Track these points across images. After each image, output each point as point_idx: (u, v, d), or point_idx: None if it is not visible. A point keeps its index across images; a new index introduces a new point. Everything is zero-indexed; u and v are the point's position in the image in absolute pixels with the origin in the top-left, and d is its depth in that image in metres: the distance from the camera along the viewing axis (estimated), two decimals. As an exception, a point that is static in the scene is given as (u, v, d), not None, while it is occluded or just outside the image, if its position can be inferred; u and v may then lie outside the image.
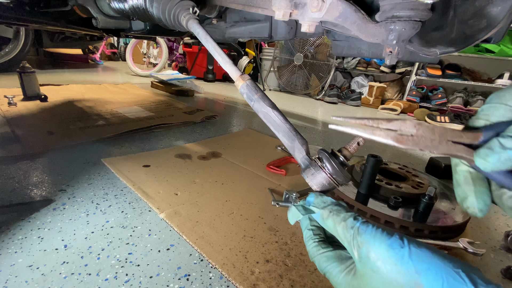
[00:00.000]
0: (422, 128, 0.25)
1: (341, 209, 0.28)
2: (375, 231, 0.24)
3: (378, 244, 0.23)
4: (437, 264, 0.21)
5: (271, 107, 0.35)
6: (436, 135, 0.25)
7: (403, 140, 0.25)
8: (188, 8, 0.53)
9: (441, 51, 0.40)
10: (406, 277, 0.21)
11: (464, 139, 0.25)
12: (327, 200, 0.29)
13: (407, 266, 0.21)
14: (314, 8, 0.35)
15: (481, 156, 0.24)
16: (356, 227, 0.25)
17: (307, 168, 0.32)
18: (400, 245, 0.22)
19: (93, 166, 0.81)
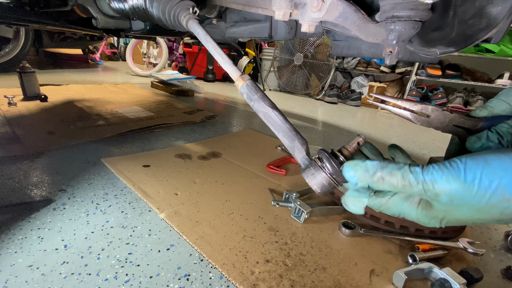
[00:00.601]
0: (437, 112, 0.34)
1: (390, 169, 0.25)
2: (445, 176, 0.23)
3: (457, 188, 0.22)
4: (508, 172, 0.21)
5: (271, 107, 0.35)
6: (446, 119, 0.34)
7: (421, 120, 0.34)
8: (188, 8, 0.52)
9: (441, 51, 0.40)
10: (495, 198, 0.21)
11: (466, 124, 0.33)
12: (369, 167, 0.25)
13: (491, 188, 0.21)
14: (314, 8, 0.35)
15: (470, 142, 0.32)
16: (423, 181, 0.23)
17: (307, 168, 0.32)
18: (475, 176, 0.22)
19: (93, 166, 0.81)
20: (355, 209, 0.28)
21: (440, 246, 0.56)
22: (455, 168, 0.22)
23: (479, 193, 0.22)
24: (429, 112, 0.34)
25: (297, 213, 0.64)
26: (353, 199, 0.28)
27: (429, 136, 1.64)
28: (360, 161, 0.26)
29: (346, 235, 0.60)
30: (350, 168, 0.26)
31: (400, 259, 0.55)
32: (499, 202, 0.21)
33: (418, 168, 0.24)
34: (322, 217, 0.66)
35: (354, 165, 0.26)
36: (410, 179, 0.24)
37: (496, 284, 0.52)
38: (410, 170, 0.24)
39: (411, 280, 0.48)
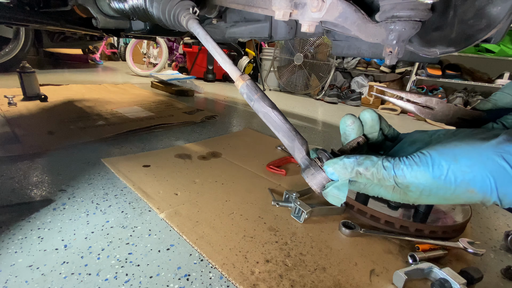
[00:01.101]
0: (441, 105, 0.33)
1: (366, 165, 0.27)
2: (414, 172, 0.25)
3: (424, 182, 0.24)
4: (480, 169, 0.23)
5: (271, 107, 0.35)
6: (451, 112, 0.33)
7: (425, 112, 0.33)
8: (188, 8, 0.53)
9: (441, 51, 0.40)
10: (459, 190, 0.24)
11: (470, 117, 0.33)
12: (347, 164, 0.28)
13: (456, 184, 0.24)
14: (314, 8, 0.35)
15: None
16: (394, 176, 0.26)
17: (307, 168, 0.32)
18: (442, 172, 0.24)
19: (93, 166, 0.81)
20: (334, 203, 0.31)
21: (440, 246, 0.56)
22: (424, 163, 0.24)
23: (445, 187, 0.24)
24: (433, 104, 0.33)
25: (297, 213, 0.64)
26: (333, 196, 0.30)
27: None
28: (338, 159, 0.29)
29: (346, 235, 0.60)
30: (330, 166, 0.29)
31: (400, 259, 0.55)
32: (463, 194, 0.24)
33: (389, 163, 0.26)
34: (322, 217, 0.66)
35: (333, 164, 0.29)
36: (383, 174, 0.26)
37: (496, 284, 0.52)
38: (383, 166, 0.26)
39: (411, 280, 0.48)
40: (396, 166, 0.26)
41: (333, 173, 0.29)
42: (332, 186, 0.29)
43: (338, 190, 0.29)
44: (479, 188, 0.23)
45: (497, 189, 0.22)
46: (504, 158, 0.22)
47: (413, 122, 2.04)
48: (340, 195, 0.29)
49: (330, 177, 0.29)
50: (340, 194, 0.29)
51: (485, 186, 0.23)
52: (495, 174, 0.22)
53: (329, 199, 0.30)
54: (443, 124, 1.91)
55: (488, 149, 0.23)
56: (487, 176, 0.23)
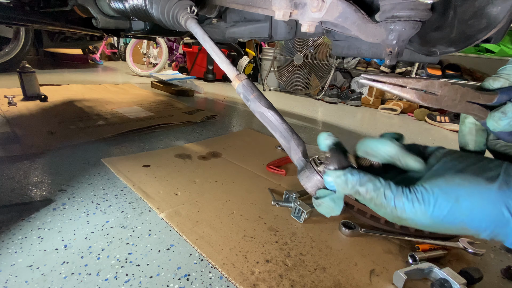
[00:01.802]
0: (446, 88, 0.28)
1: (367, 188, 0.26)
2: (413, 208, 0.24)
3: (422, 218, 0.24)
4: (479, 214, 0.23)
5: (267, 107, 0.34)
6: (458, 95, 0.28)
7: (427, 98, 0.28)
8: (187, 8, 0.52)
9: (441, 51, 0.40)
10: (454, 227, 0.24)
11: (480, 100, 0.28)
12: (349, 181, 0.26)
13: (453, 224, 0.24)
14: (314, 8, 0.35)
15: (494, 119, 0.28)
16: (393, 208, 0.25)
17: (302, 170, 0.31)
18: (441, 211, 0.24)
19: (93, 166, 0.81)
20: (325, 214, 0.29)
21: (440, 246, 0.56)
22: (426, 201, 0.24)
23: (441, 225, 0.24)
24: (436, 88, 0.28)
25: (297, 213, 0.64)
26: (327, 208, 0.28)
27: (429, 136, 1.64)
28: (341, 172, 0.27)
29: (346, 235, 0.60)
30: (331, 177, 0.27)
31: (400, 259, 0.55)
32: (457, 230, 0.24)
33: (391, 194, 0.25)
34: (322, 217, 0.66)
35: (335, 176, 0.27)
36: (382, 202, 0.25)
37: (496, 284, 0.52)
38: (384, 194, 0.25)
39: (411, 280, 0.48)
40: (397, 198, 0.25)
41: (332, 185, 0.27)
42: (329, 197, 0.28)
43: (334, 203, 0.28)
44: (474, 228, 0.24)
45: (490, 231, 0.23)
46: (505, 205, 0.22)
47: (413, 122, 2.04)
48: (335, 208, 0.28)
49: (327, 186, 0.28)
50: (335, 208, 0.28)
51: (479, 227, 0.23)
52: (491, 218, 0.23)
53: (321, 209, 0.29)
54: (446, 125, 1.91)
55: (490, 193, 0.23)
56: (484, 219, 0.23)
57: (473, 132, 0.32)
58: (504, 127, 0.28)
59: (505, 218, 0.22)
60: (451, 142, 1.56)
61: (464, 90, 0.28)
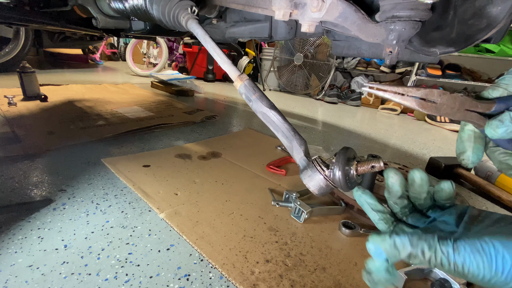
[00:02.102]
0: (445, 97, 0.29)
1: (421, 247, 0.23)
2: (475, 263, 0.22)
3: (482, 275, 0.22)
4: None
5: (270, 107, 0.35)
6: (456, 103, 0.29)
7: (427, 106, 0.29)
8: (187, 8, 0.52)
9: (441, 51, 0.40)
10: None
11: (479, 108, 0.29)
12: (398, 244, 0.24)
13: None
14: (314, 8, 0.35)
15: (492, 127, 0.28)
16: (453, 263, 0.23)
17: (304, 169, 0.31)
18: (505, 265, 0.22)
19: (93, 166, 0.81)
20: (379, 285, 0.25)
21: (440, 246, 0.56)
22: (487, 253, 0.22)
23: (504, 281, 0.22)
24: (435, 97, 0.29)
25: (297, 213, 0.64)
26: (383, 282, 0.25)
27: (429, 136, 1.64)
28: (386, 236, 0.24)
29: (346, 235, 0.60)
30: (377, 244, 0.24)
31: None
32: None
33: (449, 248, 0.23)
34: (322, 217, 0.66)
35: (381, 241, 0.24)
36: (441, 260, 0.23)
37: (496, 284, 0.52)
38: (441, 250, 0.23)
39: (411, 280, 0.48)
40: (456, 252, 0.23)
41: (381, 252, 0.24)
42: (384, 268, 0.24)
43: (389, 274, 0.24)
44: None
45: None
46: None
47: (413, 122, 2.04)
48: (392, 279, 0.24)
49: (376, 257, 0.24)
50: (392, 279, 0.24)
51: None
52: None
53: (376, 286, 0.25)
54: (446, 125, 1.91)
55: None
56: None
57: (472, 139, 0.32)
58: (502, 135, 0.28)
59: None
60: (451, 142, 1.56)
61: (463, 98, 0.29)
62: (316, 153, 1.08)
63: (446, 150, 1.40)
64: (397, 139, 1.48)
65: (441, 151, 1.37)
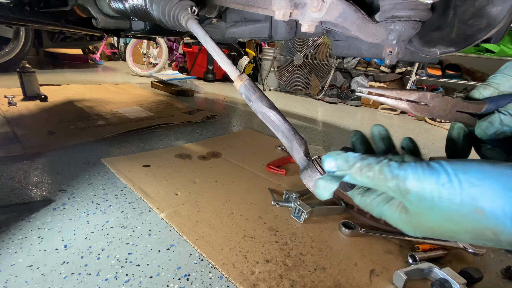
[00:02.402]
0: (437, 99, 0.30)
1: (369, 161, 0.24)
2: (417, 174, 0.22)
3: (427, 187, 0.22)
4: (491, 184, 0.20)
5: (270, 107, 0.35)
6: (448, 106, 0.30)
7: (420, 109, 0.30)
8: (187, 8, 0.52)
9: (441, 51, 0.40)
10: (465, 207, 0.20)
11: (470, 109, 0.30)
12: (350, 158, 0.25)
13: (461, 197, 0.20)
14: (314, 8, 0.35)
15: (482, 128, 0.29)
16: (396, 176, 0.23)
17: (304, 169, 0.31)
18: (448, 179, 0.21)
19: (93, 166, 0.81)
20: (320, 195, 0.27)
21: (440, 246, 0.56)
22: (430, 167, 0.22)
23: (449, 199, 0.21)
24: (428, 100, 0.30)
25: (297, 213, 0.64)
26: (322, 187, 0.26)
27: (429, 136, 1.64)
28: (341, 151, 0.26)
29: (346, 235, 0.60)
30: (331, 157, 0.26)
31: (400, 259, 0.55)
32: (470, 213, 0.20)
33: (395, 163, 0.23)
34: (322, 217, 0.66)
35: (335, 155, 0.26)
36: (385, 172, 0.23)
37: (496, 284, 0.52)
38: (387, 164, 0.24)
39: (411, 280, 0.48)
40: (400, 166, 0.23)
41: (331, 163, 0.26)
42: (326, 175, 0.26)
43: (330, 180, 0.26)
44: (489, 208, 0.19)
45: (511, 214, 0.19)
46: None
47: (413, 122, 2.04)
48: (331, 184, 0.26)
49: (328, 170, 0.26)
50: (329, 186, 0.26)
51: (495, 207, 0.19)
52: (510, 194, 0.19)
53: (317, 190, 0.27)
54: (446, 125, 1.91)
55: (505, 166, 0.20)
56: (500, 194, 0.19)
57: (461, 137, 0.33)
58: (492, 136, 0.29)
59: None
60: (451, 142, 1.56)
61: (454, 100, 0.30)
62: (316, 153, 1.08)
63: (446, 150, 1.39)
64: (397, 139, 1.48)
65: (441, 151, 1.37)
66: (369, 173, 0.24)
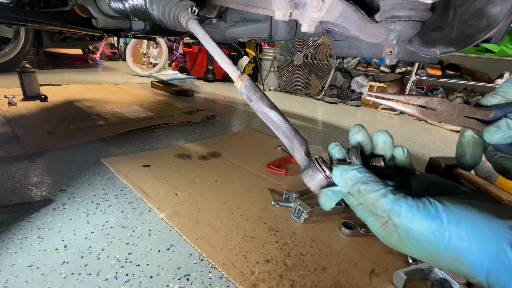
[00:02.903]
0: (445, 104, 0.31)
1: (370, 186, 0.25)
2: (411, 214, 0.23)
3: (416, 229, 0.23)
4: (479, 242, 0.21)
5: (270, 107, 0.35)
6: (456, 111, 0.31)
7: (427, 114, 0.31)
8: (187, 8, 0.53)
9: (441, 51, 0.40)
10: (447, 254, 0.22)
11: (477, 115, 0.31)
12: (353, 177, 0.27)
13: (447, 246, 0.22)
14: (314, 8, 0.35)
15: (490, 133, 0.30)
16: (390, 209, 0.24)
17: (305, 169, 0.31)
18: (439, 226, 0.22)
19: (93, 166, 0.81)
20: (324, 206, 0.29)
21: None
22: (426, 211, 0.23)
23: (434, 244, 0.22)
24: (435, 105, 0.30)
25: (297, 213, 0.64)
26: (325, 198, 0.29)
27: (429, 136, 1.64)
28: (349, 167, 0.27)
29: (346, 235, 0.60)
30: (338, 171, 0.28)
31: (400, 259, 0.55)
32: (450, 259, 0.22)
33: (393, 196, 0.24)
34: (322, 217, 0.66)
35: (342, 170, 0.27)
36: (380, 202, 0.24)
37: (496, 284, 0.52)
38: (384, 195, 0.24)
39: (411, 280, 0.48)
40: (396, 201, 0.24)
41: (338, 178, 0.28)
42: (330, 188, 0.29)
43: (333, 194, 0.28)
44: (469, 261, 0.21)
45: (488, 271, 0.20)
46: (510, 241, 0.20)
47: (413, 122, 2.04)
48: (332, 199, 0.28)
49: (333, 179, 0.28)
50: (332, 198, 0.28)
51: (476, 262, 0.21)
52: (493, 255, 0.20)
53: (320, 199, 0.29)
54: (446, 125, 1.91)
55: (498, 227, 0.21)
56: (484, 253, 0.20)
57: (471, 144, 0.34)
58: (499, 140, 0.30)
59: (508, 259, 0.20)
60: (451, 142, 1.57)
61: (462, 106, 0.31)
62: (316, 153, 1.08)
63: (446, 150, 1.40)
64: (397, 139, 1.48)
65: (441, 151, 1.37)
66: (365, 197, 0.26)
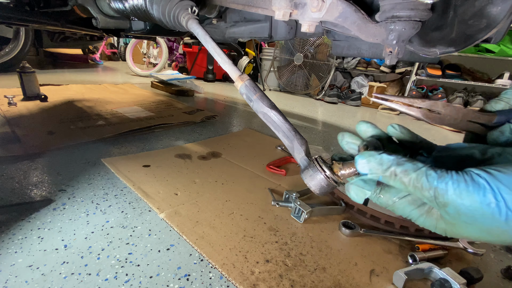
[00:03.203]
0: (449, 108, 0.31)
1: (406, 167, 0.23)
2: (459, 190, 0.21)
3: (468, 205, 0.21)
4: None
5: (270, 107, 0.35)
6: (459, 115, 0.31)
7: (432, 117, 0.31)
8: (187, 8, 0.52)
9: (441, 51, 0.40)
10: (508, 225, 0.20)
11: (481, 120, 0.31)
12: (385, 160, 0.24)
13: (506, 216, 0.20)
14: (314, 8, 0.35)
15: (493, 138, 0.30)
16: (435, 188, 0.21)
17: (305, 169, 0.31)
18: (493, 196, 0.20)
19: (93, 166, 0.81)
20: (356, 198, 0.27)
21: (440, 246, 0.56)
22: (474, 184, 0.21)
23: (492, 217, 0.20)
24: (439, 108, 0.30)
25: (297, 213, 0.64)
26: (357, 189, 0.26)
27: (429, 136, 1.64)
28: (376, 152, 0.25)
29: (346, 235, 0.60)
30: (364, 158, 0.24)
31: (400, 259, 0.55)
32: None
33: (434, 173, 0.22)
34: (322, 217, 0.66)
35: (368, 156, 0.24)
36: (423, 182, 0.22)
37: (496, 284, 0.52)
38: (426, 173, 0.22)
39: (411, 280, 0.48)
40: (441, 177, 0.21)
41: (365, 166, 0.24)
42: (359, 178, 0.26)
43: (364, 183, 0.26)
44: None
45: None
46: None
47: (413, 122, 2.04)
48: (366, 188, 0.26)
49: (359, 170, 0.25)
50: (366, 187, 0.26)
51: None
52: None
53: (351, 193, 0.27)
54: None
55: None
56: None
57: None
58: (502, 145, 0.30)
59: None
60: (451, 142, 1.56)
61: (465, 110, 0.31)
62: (316, 153, 1.08)
63: (446, 150, 1.39)
64: (397, 139, 1.48)
65: (441, 151, 1.37)
66: (404, 179, 0.23)
